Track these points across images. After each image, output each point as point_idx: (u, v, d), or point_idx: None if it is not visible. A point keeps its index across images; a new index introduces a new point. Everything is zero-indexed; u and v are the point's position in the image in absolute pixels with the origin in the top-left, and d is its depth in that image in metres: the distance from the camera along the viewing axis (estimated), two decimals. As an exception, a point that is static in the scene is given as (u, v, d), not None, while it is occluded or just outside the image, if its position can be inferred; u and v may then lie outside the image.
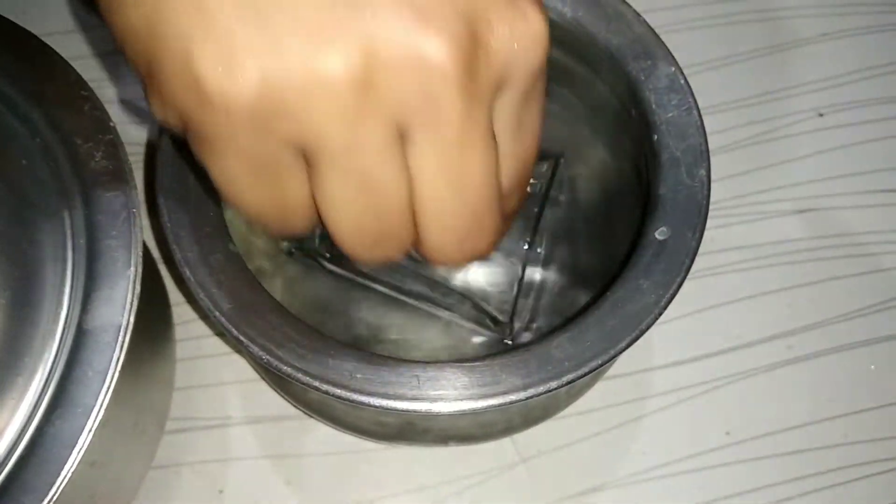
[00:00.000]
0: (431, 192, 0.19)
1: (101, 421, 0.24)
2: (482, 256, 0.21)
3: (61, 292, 0.25)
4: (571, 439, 0.34)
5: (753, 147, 0.39)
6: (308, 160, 0.18)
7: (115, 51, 0.40)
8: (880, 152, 0.39)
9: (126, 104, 0.39)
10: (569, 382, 0.25)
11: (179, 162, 0.28)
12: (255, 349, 0.25)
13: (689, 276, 0.27)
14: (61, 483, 0.23)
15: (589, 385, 0.33)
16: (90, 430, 0.24)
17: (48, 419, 0.24)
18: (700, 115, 0.29)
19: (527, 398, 0.25)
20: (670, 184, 0.28)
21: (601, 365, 0.25)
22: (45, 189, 0.26)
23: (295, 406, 0.33)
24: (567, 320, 0.27)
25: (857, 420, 0.34)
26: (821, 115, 0.40)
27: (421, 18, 0.17)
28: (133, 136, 0.38)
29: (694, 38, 0.41)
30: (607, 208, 0.34)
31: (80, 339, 0.25)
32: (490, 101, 0.18)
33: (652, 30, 0.30)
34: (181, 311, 0.35)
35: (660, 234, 0.27)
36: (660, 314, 0.26)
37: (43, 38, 0.29)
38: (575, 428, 0.34)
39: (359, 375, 0.25)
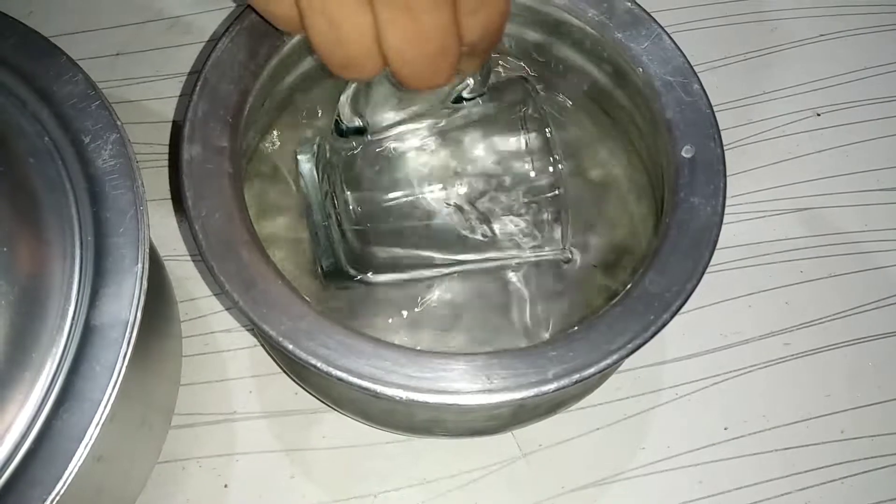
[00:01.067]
0: (390, 40, 0.24)
1: (108, 416, 0.24)
2: (441, 85, 0.26)
3: (69, 289, 0.25)
4: (572, 434, 0.34)
5: (751, 146, 0.40)
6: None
7: (120, 52, 0.40)
8: (877, 151, 0.40)
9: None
10: (621, 359, 0.26)
11: (207, 177, 0.28)
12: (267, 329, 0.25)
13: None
14: (69, 477, 0.24)
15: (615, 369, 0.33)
16: (98, 425, 0.24)
17: (56, 414, 0.24)
18: (672, 39, 0.31)
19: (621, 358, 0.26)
20: (673, 105, 0.29)
21: (689, 291, 0.27)
22: (53, 187, 0.27)
23: (312, 394, 0.33)
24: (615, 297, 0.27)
25: (854, 416, 0.35)
26: (818, 114, 0.41)
27: None
28: (140, 135, 0.38)
29: (692, 40, 0.41)
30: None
31: (87, 335, 0.25)
32: None
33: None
34: (187, 307, 0.36)
35: (686, 152, 0.29)
36: (721, 224, 0.28)
37: (51, 39, 0.29)
38: (575, 423, 0.34)
39: (398, 368, 0.25)
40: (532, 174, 0.30)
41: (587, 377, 0.26)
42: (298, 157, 0.32)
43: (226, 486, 0.33)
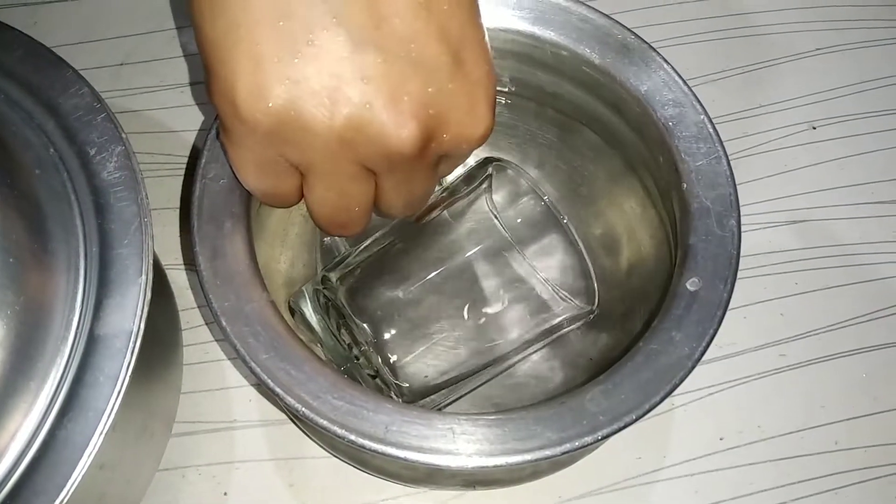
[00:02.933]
0: (387, 199, 0.27)
1: (111, 425, 0.24)
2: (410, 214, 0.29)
3: (74, 299, 0.26)
4: (568, 444, 0.34)
5: (748, 159, 0.40)
6: (301, 170, 0.26)
7: (124, 63, 0.41)
8: (872, 164, 0.40)
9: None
10: (604, 437, 0.25)
11: (215, 210, 0.28)
12: (289, 400, 0.25)
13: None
14: (72, 485, 0.24)
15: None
16: (101, 434, 0.24)
17: (60, 423, 0.24)
18: (729, 164, 0.29)
19: (562, 453, 0.25)
20: (701, 233, 0.28)
21: (636, 419, 0.25)
22: (58, 198, 0.27)
23: (326, 450, 0.33)
24: (600, 371, 0.27)
25: (848, 427, 0.35)
26: (814, 127, 0.41)
27: (403, 116, 0.24)
28: (144, 145, 0.39)
29: (689, 53, 0.41)
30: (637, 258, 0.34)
31: (91, 345, 0.25)
32: (434, 164, 0.26)
33: (679, 75, 0.30)
34: (188, 316, 0.36)
35: (691, 284, 0.27)
36: (693, 367, 0.26)
37: (55, 49, 0.29)
38: (572, 433, 0.34)
39: (394, 429, 0.25)
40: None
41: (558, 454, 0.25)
42: (301, 308, 0.32)
43: (225, 493, 0.33)
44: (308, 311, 0.31)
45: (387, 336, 0.30)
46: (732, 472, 0.34)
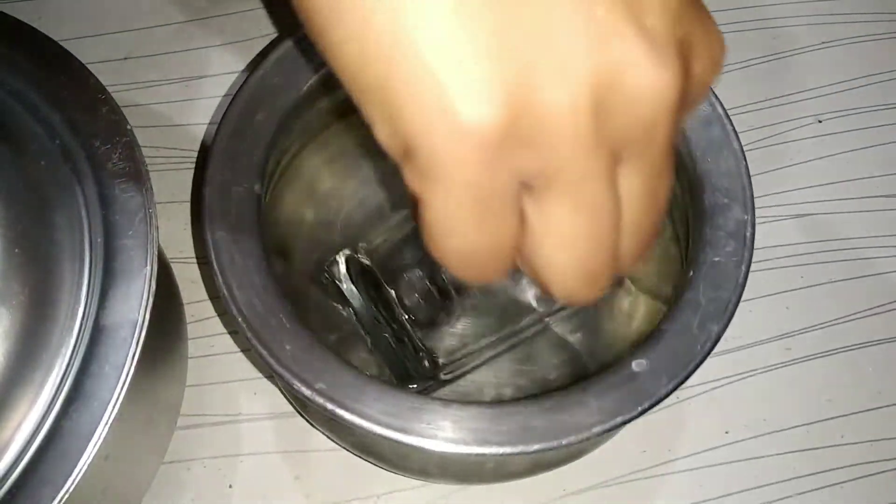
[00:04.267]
0: (634, 214, 0.19)
1: (116, 415, 0.24)
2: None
3: (79, 289, 0.26)
4: (573, 438, 0.34)
5: (753, 153, 0.40)
6: (535, 192, 0.18)
7: (129, 56, 0.41)
8: (878, 158, 0.40)
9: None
10: (605, 431, 0.26)
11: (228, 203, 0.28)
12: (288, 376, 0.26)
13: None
14: (77, 475, 0.24)
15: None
16: (106, 424, 0.24)
17: (65, 413, 0.24)
18: (746, 273, 0.28)
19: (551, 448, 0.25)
20: (677, 330, 0.27)
21: (627, 421, 0.26)
22: (64, 190, 0.27)
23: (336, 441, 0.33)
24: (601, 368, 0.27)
25: (854, 421, 0.35)
26: (820, 121, 0.41)
27: (657, 52, 0.17)
28: (149, 138, 0.39)
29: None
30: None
31: (96, 335, 0.25)
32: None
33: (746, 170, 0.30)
34: (193, 309, 0.36)
35: (637, 365, 0.27)
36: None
37: (62, 44, 0.29)
38: (577, 426, 0.34)
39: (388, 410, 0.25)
40: None
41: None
42: (335, 281, 0.32)
43: (230, 486, 0.33)
44: (342, 277, 0.31)
45: (418, 303, 0.30)
46: (738, 466, 0.34)
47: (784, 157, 0.40)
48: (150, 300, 0.26)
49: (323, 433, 0.33)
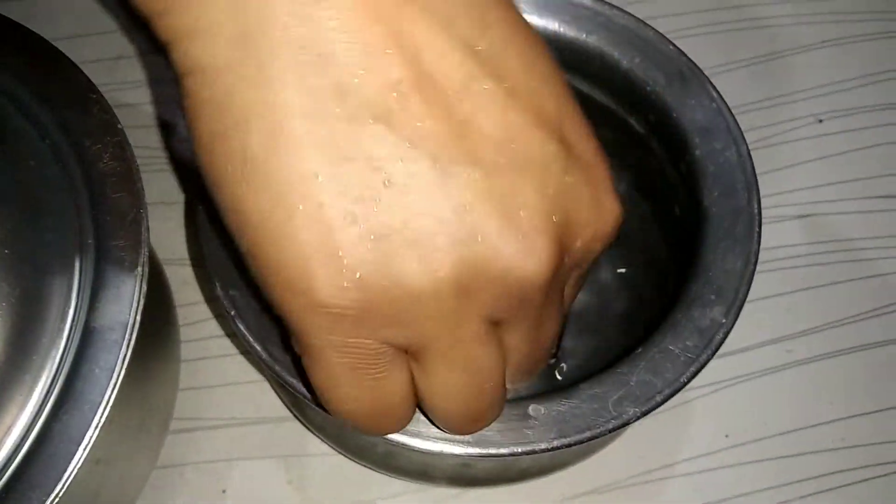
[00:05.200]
0: (519, 361, 0.21)
1: (107, 418, 0.24)
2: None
3: (69, 291, 0.25)
4: (572, 441, 0.34)
5: (753, 153, 0.39)
6: (412, 356, 0.20)
7: (121, 56, 0.40)
8: (879, 158, 0.40)
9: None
10: (607, 433, 0.25)
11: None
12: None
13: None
14: (68, 479, 0.24)
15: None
16: (97, 427, 0.24)
17: (55, 416, 0.24)
18: (752, 273, 0.28)
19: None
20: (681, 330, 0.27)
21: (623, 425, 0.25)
22: (54, 190, 0.27)
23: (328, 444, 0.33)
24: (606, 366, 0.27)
25: (856, 424, 0.35)
26: (820, 121, 0.41)
27: (522, 244, 0.18)
28: (141, 138, 0.38)
29: (694, 45, 0.41)
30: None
31: (87, 337, 0.25)
32: (562, 290, 0.21)
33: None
34: (187, 311, 0.35)
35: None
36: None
37: (54, 43, 0.29)
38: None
39: None
40: None
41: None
42: None
43: (223, 491, 0.33)
44: None
45: None
46: (738, 470, 0.34)
47: (784, 157, 0.40)
48: (142, 302, 0.25)
49: (319, 437, 0.33)
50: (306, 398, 0.25)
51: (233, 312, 0.26)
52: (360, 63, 0.18)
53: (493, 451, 0.25)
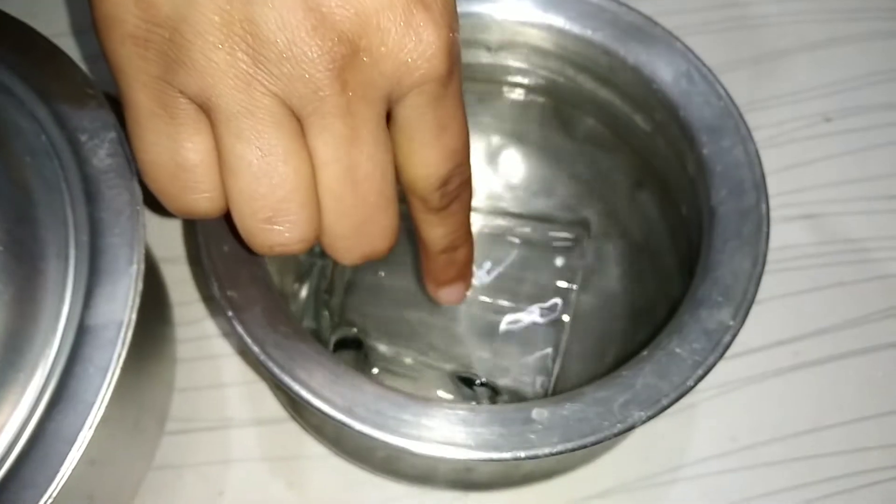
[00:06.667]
0: (326, 178, 0.21)
1: (101, 418, 0.24)
2: (379, 254, 0.23)
3: (63, 289, 0.25)
4: (575, 444, 0.33)
5: (761, 151, 0.39)
6: (212, 124, 0.20)
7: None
8: (888, 158, 0.39)
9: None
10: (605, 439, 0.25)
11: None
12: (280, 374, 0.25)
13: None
14: (61, 479, 0.23)
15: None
16: (91, 427, 0.24)
17: (49, 415, 0.24)
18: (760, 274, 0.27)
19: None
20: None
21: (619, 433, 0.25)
22: (49, 186, 0.26)
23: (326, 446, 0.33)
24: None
25: (863, 426, 0.34)
26: (828, 119, 0.40)
27: (311, 20, 0.19)
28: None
29: (701, 43, 0.40)
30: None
31: (81, 336, 0.25)
32: (379, 101, 0.20)
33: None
34: (182, 312, 0.35)
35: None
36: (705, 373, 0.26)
37: (53, 39, 0.29)
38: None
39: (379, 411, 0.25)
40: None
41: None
42: None
43: (220, 493, 0.32)
44: None
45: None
46: (745, 473, 0.33)
47: (792, 156, 0.39)
48: (137, 300, 0.25)
49: (317, 439, 0.33)
50: (306, 402, 0.25)
51: (231, 313, 0.26)
52: None
53: (495, 455, 0.24)
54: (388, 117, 0.22)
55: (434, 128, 0.22)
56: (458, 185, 0.24)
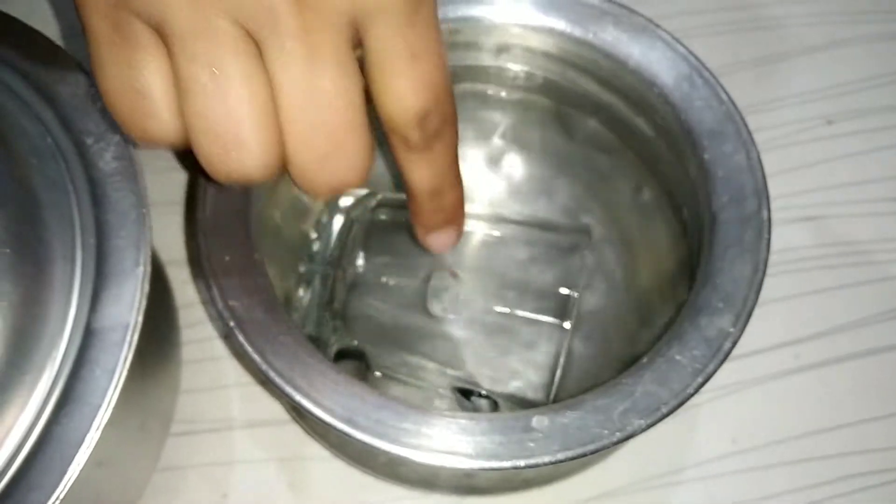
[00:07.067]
0: (286, 103, 0.20)
1: (108, 420, 0.24)
2: (348, 185, 0.22)
3: (70, 291, 0.25)
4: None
5: (762, 154, 0.39)
6: (165, 44, 0.19)
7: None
8: (889, 160, 0.39)
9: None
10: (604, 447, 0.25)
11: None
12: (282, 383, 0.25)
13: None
14: (68, 482, 0.23)
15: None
16: (97, 429, 0.24)
17: (56, 417, 0.24)
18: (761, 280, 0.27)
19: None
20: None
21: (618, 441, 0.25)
22: (55, 188, 0.26)
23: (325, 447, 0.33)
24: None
25: (864, 429, 0.34)
26: (830, 122, 0.40)
27: None
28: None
29: (702, 46, 0.40)
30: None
31: (88, 338, 0.25)
32: (342, 26, 0.20)
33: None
34: (187, 313, 0.35)
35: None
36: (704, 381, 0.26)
37: (57, 40, 0.29)
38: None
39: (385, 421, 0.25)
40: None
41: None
42: (340, 210, 0.32)
43: (224, 494, 0.32)
44: (351, 212, 0.32)
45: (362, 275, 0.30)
46: (745, 476, 0.33)
47: (793, 158, 0.39)
48: (143, 302, 0.25)
49: (319, 441, 0.33)
50: (307, 411, 0.25)
51: (232, 324, 0.26)
52: None
53: (494, 464, 0.24)
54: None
55: (405, 56, 0.21)
56: (438, 123, 0.22)
